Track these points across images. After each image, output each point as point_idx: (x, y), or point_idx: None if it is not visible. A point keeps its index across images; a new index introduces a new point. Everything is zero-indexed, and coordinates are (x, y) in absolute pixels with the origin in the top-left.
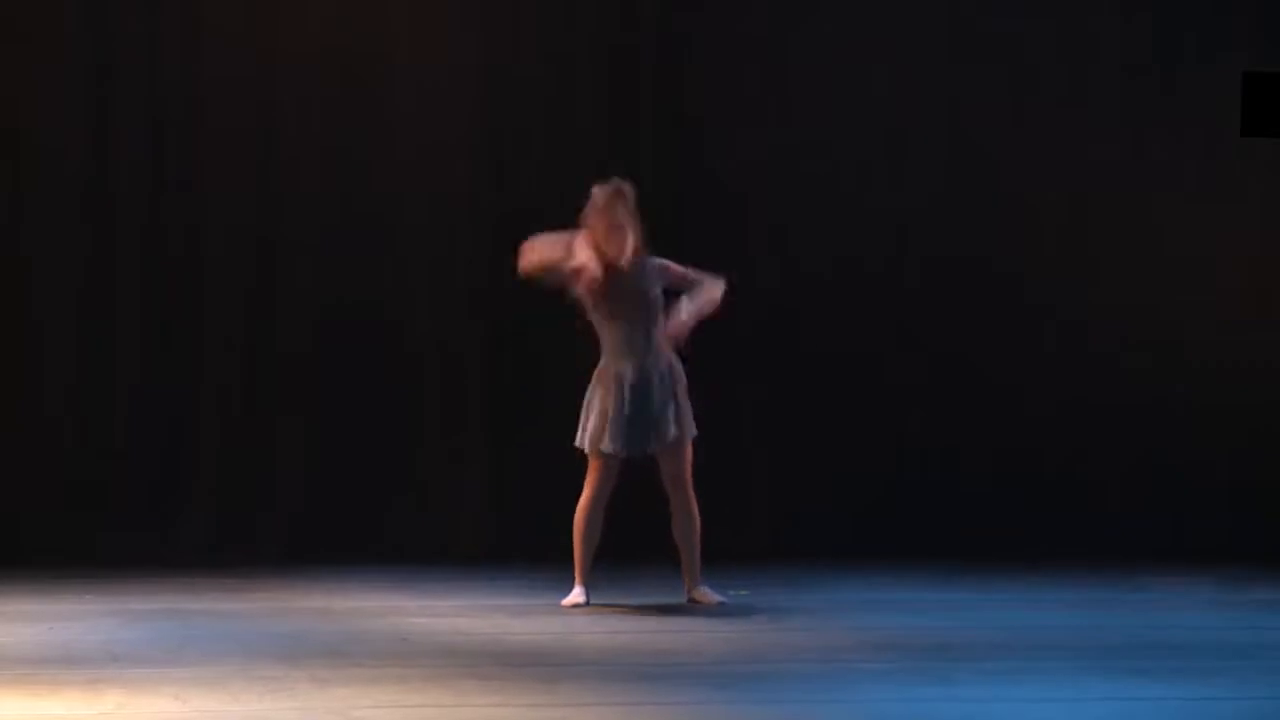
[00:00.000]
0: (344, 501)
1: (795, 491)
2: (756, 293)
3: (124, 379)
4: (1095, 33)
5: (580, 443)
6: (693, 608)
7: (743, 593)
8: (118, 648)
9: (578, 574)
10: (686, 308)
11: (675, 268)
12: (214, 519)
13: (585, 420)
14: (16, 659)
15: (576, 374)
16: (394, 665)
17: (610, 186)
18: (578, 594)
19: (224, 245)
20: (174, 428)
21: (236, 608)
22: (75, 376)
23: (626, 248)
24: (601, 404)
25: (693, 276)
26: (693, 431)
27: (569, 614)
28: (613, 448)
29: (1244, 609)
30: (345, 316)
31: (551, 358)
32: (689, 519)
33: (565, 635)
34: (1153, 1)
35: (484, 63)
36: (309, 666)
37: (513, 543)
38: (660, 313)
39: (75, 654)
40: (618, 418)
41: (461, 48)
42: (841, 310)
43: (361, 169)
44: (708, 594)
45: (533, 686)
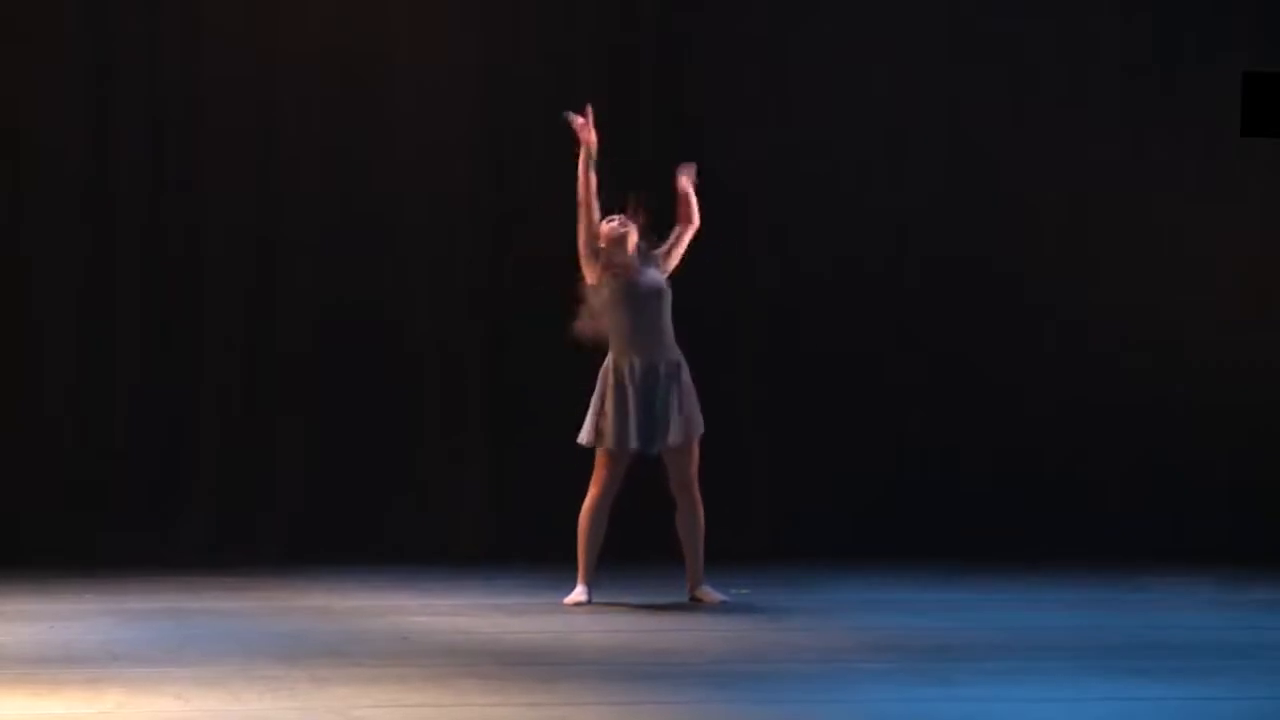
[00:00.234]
0: (344, 501)
1: (795, 491)
2: (757, 292)
3: (124, 379)
4: (1095, 33)
5: (585, 440)
6: (693, 607)
7: (743, 591)
8: (118, 647)
9: (580, 572)
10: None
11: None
12: (214, 519)
13: (592, 417)
14: (17, 658)
15: (576, 374)
16: (394, 664)
17: (619, 228)
18: (580, 592)
19: (224, 245)
20: (174, 428)
21: (236, 607)
22: (75, 376)
23: (629, 245)
24: (608, 401)
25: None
26: (700, 429)
27: (569, 613)
28: (617, 445)
29: (1244, 609)
30: (345, 316)
31: (551, 358)
32: (694, 519)
33: (565, 634)
34: (1153, 1)
35: (484, 63)
36: (309, 666)
37: (513, 543)
38: (667, 306)
39: (75, 653)
40: (623, 415)
41: (461, 48)
42: (841, 310)
43: (361, 169)
44: (709, 593)
45: (532, 685)
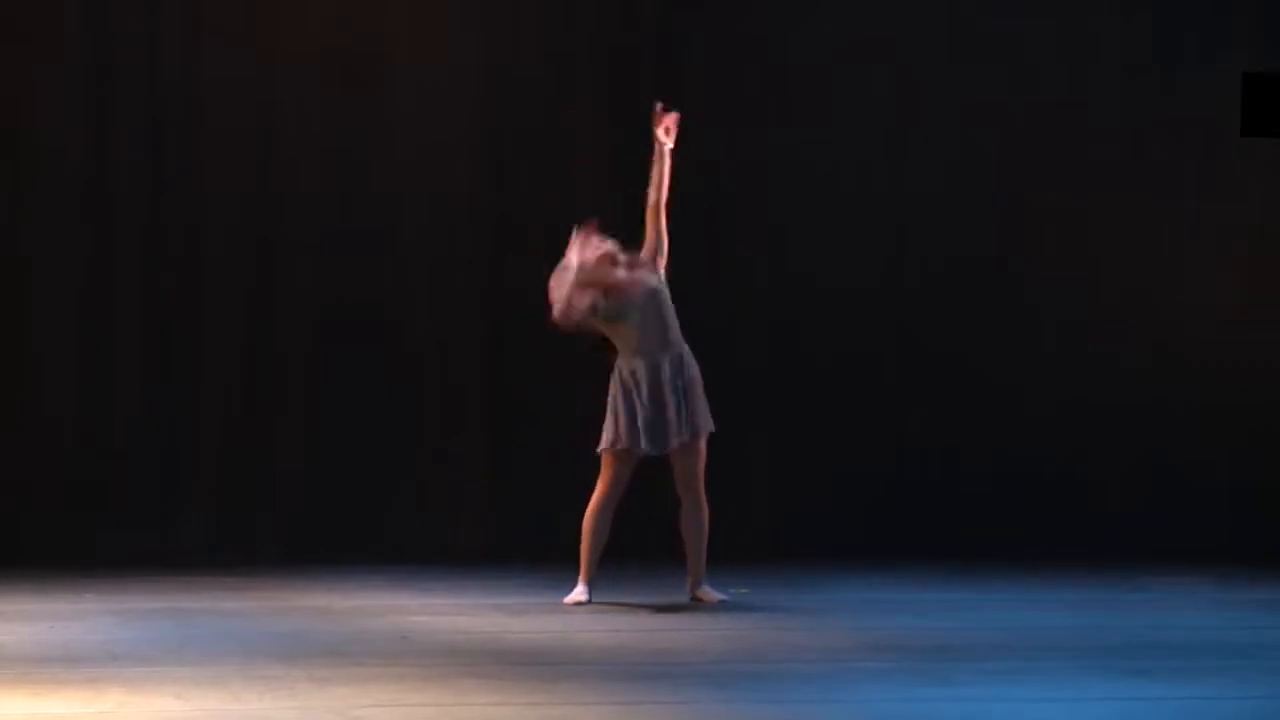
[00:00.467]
0: (344, 501)
1: (795, 491)
2: (756, 292)
3: (124, 379)
4: (1095, 33)
5: (603, 445)
6: (693, 606)
7: (742, 590)
8: (118, 647)
9: (582, 572)
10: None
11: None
12: (214, 519)
13: (609, 420)
14: (17, 658)
15: (577, 374)
16: (394, 664)
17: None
18: (580, 592)
19: (224, 245)
20: (174, 428)
21: (236, 607)
22: (75, 376)
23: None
24: (619, 405)
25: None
26: (709, 427)
27: (569, 613)
28: (627, 446)
29: (1244, 609)
30: (345, 316)
31: (551, 358)
32: (699, 519)
33: (565, 634)
34: (1153, 1)
35: (484, 63)
36: (309, 665)
37: (513, 543)
38: (664, 303)
39: (76, 653)
40: (631, 418)
41: (461, 48)
42: (841, 310)
43: (361, 169)
44: (710, 593)
45: (532, 685)
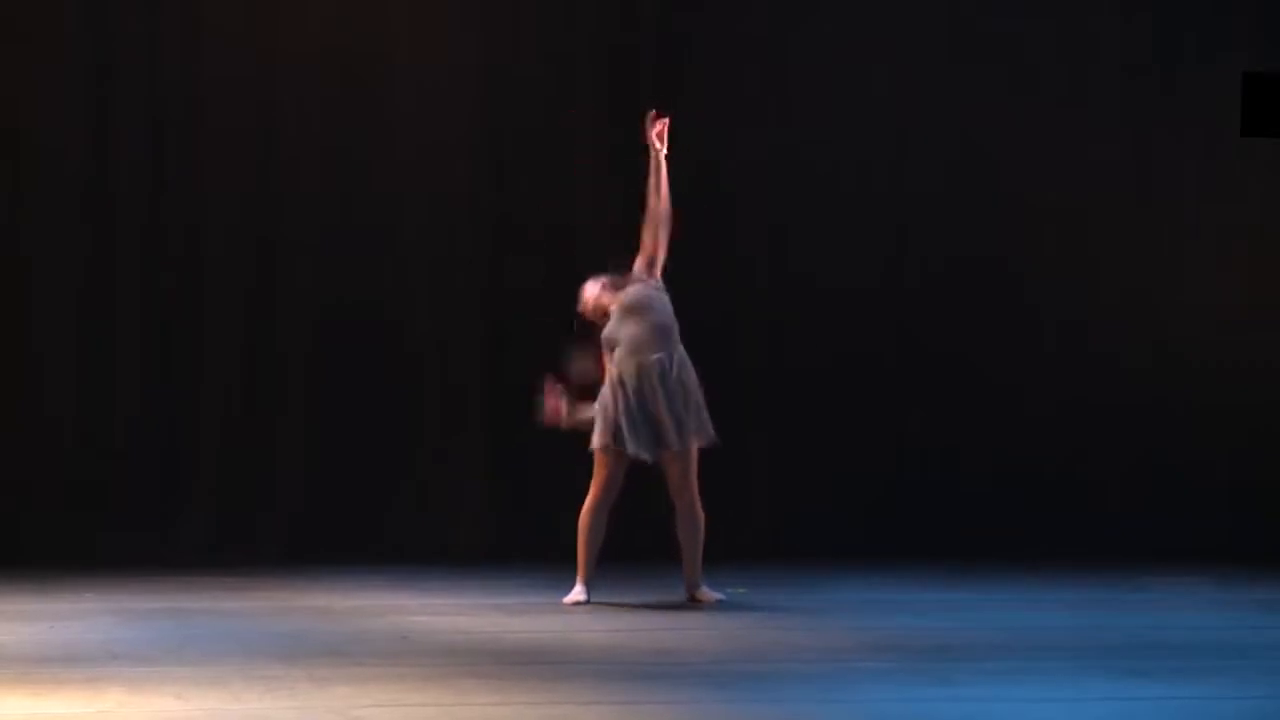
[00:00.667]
0: (344, 501)
1: (795, 491)
2: (756, 292)
3: (124, 379)
4: (1095, 33)
5: (593, 444)
6: (692, 606)
7: (741, 590)
8: (118, 647)
9: (580, 572)
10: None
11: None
12: (214, 519)
13: (598, 420)
14: (17, 658)
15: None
16: (394, 664)
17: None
18: (579, 592)
19: (224, 245)
20: (174, 428)
21: (236, 607)
22: (75, 376)
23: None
24: (608, 404)
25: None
26: (707, 435)
27: (568, 612)
28: (615, 444)
29: (1244, 609)
30: (345, 316)
31: (551, 358)
32: (694, 525)
33: (565, 634)
34: (1153, 1)
35: (484, 63)
36: (309, 665)
37: (513, 543)
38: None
39: (76, 653)
40: (618, 419)
41: (461, 48)
42: (841, 310)
43: (361, 169)
44: (708, 593)
45: (532, 685)
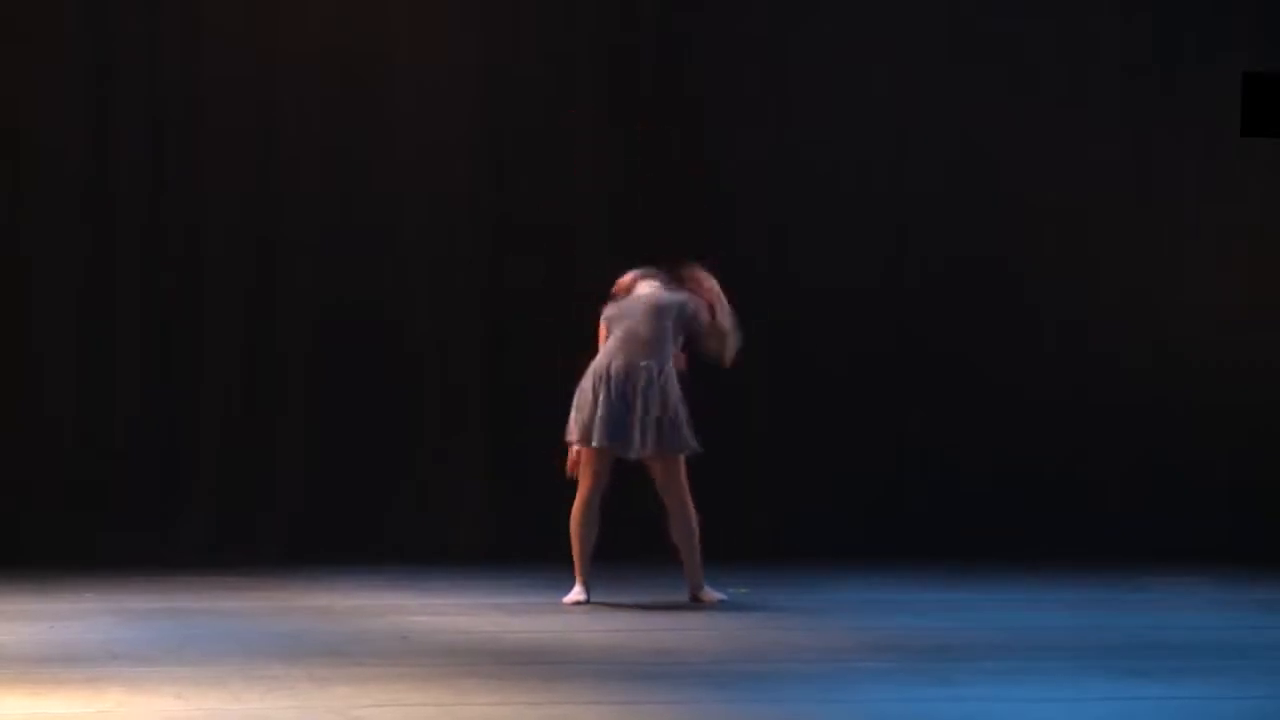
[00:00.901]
0: (344, 501)
1: (795, 491)
2: (756, 292)
3: (124, 379)
4: (1095, 33)
5: (568, 437)
6: (692, 606)
7: (742, 590)
8: (118, 646)
9: (577, 572)
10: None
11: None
12: (214, 519)
13: (572, 414)
14: (17, 658)
15: (576, 374)
16: (394, 664)
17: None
18: (578, 592)
19: (224, 245)
20: (174, 428)
21: (236, 607)
22: (75, 376)
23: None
24: (584, 398)
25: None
26: (691, 447)
27: (568, 612)
28: (585, 440)
29: (1244, 609)
30: (345, 316)
31: (551, 358)
32: (686, 525)
33: (565, 633)
34: (1153, 1)
35: (484, 63)
36: (309, 665)
37: (513, 542)
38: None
39: (76, 653)
40: (593, 412)
41: (461, 48)
42: (841, 310)
43: (361, 169)
44: (710, 593)
45: (532, 685)
